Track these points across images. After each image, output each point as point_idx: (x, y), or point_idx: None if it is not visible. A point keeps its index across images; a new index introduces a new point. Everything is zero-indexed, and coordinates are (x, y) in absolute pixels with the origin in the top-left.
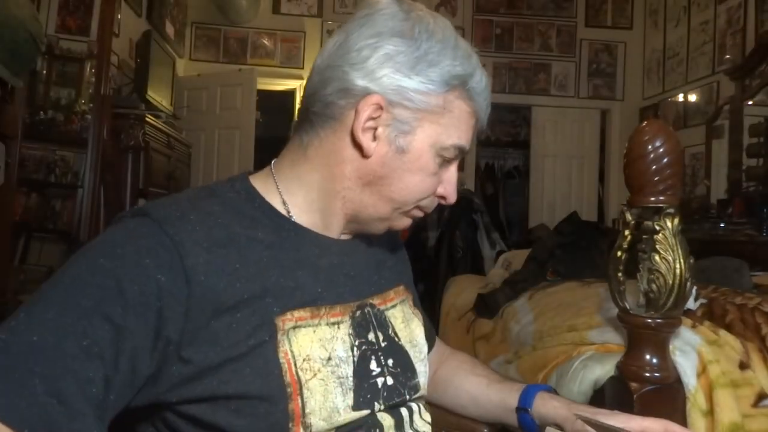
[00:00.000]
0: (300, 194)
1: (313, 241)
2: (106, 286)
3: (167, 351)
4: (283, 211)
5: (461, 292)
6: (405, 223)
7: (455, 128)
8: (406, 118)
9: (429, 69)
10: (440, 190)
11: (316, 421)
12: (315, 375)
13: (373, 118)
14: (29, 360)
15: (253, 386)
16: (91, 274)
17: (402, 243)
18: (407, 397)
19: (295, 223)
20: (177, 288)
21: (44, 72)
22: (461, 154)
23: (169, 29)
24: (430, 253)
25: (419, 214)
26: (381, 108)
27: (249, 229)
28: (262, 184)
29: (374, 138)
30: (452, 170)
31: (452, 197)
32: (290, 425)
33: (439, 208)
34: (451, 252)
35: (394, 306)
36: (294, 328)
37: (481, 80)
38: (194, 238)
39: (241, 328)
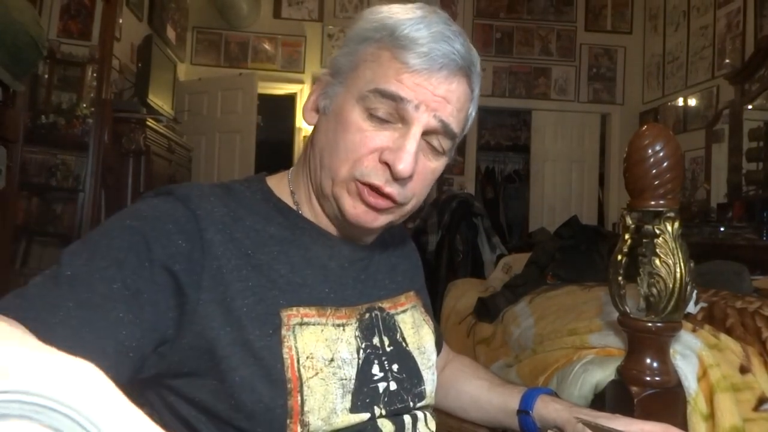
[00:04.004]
0: (299, 193)
1: (325, 243)
2: (134, 242)
3: (183, 319)
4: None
5: (462, 295)
6: (354, 206)
7: (374, 74)
8: (333, 82)
9: (350, 33)
10: (384, 156)
11: (314, 420)
12: (317, 374)
13: (316, 97)
14: (62, 289)
15: (256, 377)
16: (120, 231)
17: (415, 247)
18: (411, 404)
19: (309, 222)
20: (194, 256)
21: (46, 76)
22: (394, 102)
23: (171, 33)
24: (431, 257)
25: (366, 193)
26: (323, 83)
27: (262, 224)
28: (277, 184)
29: (317, 111)
30: (400, 135)
31: (397, 165)
32: (288, 422)
33: (440, 211)
34: (451, 256)
35: (404, 311)
36: (300, 324)
37: (417, 29)
38: (213, 217)
39: (248, 315)
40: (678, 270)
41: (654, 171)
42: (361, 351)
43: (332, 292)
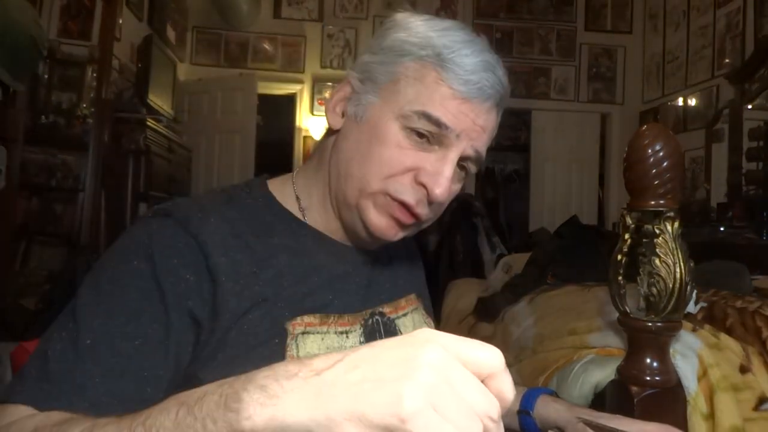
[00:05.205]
0: (309, 197)
1: (329, 249)
2: (146, 288)
3: (197, 348)
4: (300, 217)
5: (461, 295)
6: (379, 219)
7: (418, 94)
8: (366, 89)
9: (387, 41)
10: (421, 178)
11: None
12: None
13: (343, 99)
14: (87, 363)
15: None
16: (129, 276)
17: (417, 249)
18: None
19: (312, 229)
20: (203, 287)
21: (46, 76)
22: (437, 128)
23: (171, 33)
24: (431, 257)
25: (395, 208)
26: (350, 86)
27: (265, 236)
28: (280, 189)
29: (342, 115)
30: (437, 158)
31: (435, 189)
32: None
33: None
34: (451, 256)
35: (405, 314)
36: (303, 333)
37: (465, 54)
38: (214, 239)
39: (252, 330)
40: (678, 270)
41: (654, 171)
42: None
43: (336, 298)
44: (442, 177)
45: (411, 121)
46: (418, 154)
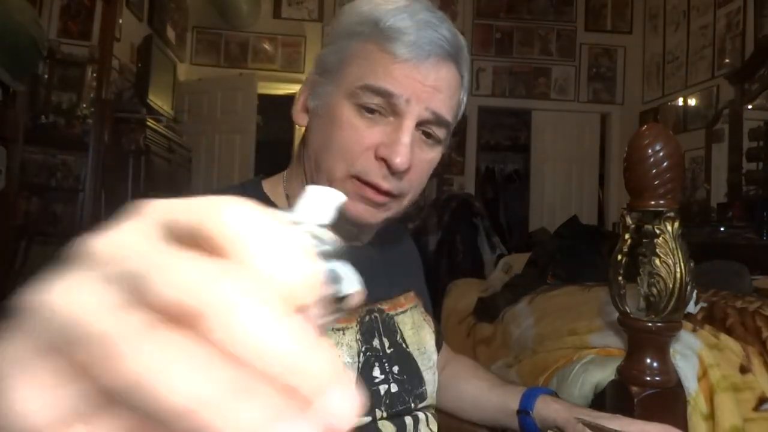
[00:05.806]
0: (295, 196)
1: None
2: None
3: None
4: None
5: (462, 296)
6: (354, 205)
7: (362, 70)
8: (323, 81)
9: (336, 29)
10: (380, 153)
11: None
12: None
13: (306, 98)
14: None
15: None
16: None
17: (414, 246)
18: (412, 405)
19: None
20: None
21: (46, 76)
22: (384, 98)
23: (171, 34)
24: (431, 257)
25: (366, 191)
26: (309, 83)
27: None
28: (273, 189)
29: (307, 111)
30: (393, 129)
31: (394, 159)
32: None
33: (440, 211)
34: (451, 256)
35: (404, 312)
36: None
37: (401, 18)
38: None
39: None
40: (678, 270)
41: (654, 171)
42: (362, 354)
43: None
44: (400, 145)
45: (359, 98)
46: (373, 130)
